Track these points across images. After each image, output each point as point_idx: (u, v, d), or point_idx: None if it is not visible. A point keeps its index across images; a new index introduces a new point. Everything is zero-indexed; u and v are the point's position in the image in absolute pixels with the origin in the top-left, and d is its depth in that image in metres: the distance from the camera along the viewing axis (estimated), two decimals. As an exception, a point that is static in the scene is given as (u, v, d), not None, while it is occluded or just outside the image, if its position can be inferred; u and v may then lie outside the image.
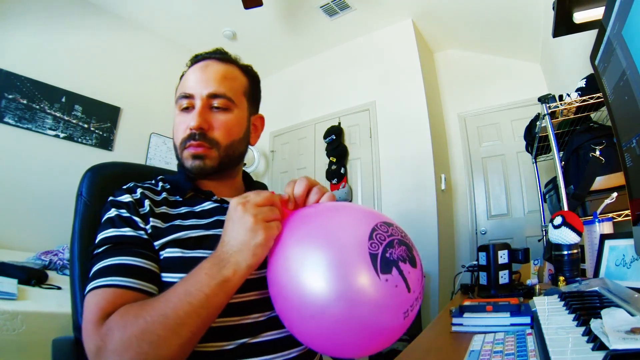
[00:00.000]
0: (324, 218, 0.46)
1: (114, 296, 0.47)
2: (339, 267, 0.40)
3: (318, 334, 0.42)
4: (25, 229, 2.41)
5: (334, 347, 0.43)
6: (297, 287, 0.41)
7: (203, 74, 0.65)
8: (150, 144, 3.26)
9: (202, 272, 0.45)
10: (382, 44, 3.30)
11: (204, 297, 0.43)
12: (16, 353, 1.22)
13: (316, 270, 0.40)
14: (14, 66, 2.48)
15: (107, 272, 0.49)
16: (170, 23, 3.32)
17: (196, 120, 0.61)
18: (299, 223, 0.47)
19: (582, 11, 1.20)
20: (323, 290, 0.39)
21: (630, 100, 0.64)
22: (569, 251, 0.98)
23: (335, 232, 0.43)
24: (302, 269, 0.41)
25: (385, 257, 0.41)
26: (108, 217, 0.56)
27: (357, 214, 0.47)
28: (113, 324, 0.43)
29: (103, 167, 0.70)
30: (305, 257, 0.42)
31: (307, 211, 0.49)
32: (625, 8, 0.62)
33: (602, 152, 1.23)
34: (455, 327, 0.71)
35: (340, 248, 0.41)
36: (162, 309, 0.43)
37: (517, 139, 2.95)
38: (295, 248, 0.44)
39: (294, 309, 0.42)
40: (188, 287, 0.44)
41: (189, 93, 0.64)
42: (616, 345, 0.34)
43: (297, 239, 0.45)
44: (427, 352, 0.63)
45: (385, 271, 0.40)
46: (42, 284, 1.65)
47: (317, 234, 0.44)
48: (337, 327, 0.39)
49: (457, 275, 1.66)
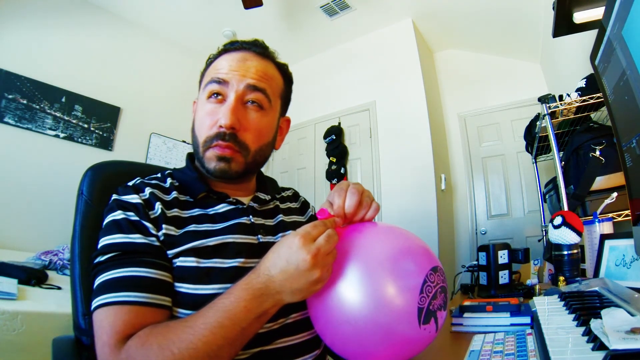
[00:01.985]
0: (380, 255, 0.44)
1: (130, 315, 0.44)
2: (388, 323, 0.42)
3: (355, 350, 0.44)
4: (25, 229, 2.41)
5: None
6: (344, 317, 0.43)
7: (243, 64, 0.58)
8: (150, 144, 3.26)
9: (239, 304, 0.41)
10: (382, 44, 3.30)
11: (239, 330, 0.40)
12: (16, 353, 1.22)
13: (360, 314, 0.42)
14: (14, 66, 2.48)
15: (117, 285, 0.45)
16: (171, 23, 3.32)
17: (229, 117, 0.54)
18: (351, 254, 0.45)
19: (582, 11, 1.20)
20: (367, 327, 0.42)
21: (630, 100, 0.64)
22: (569, 251, 0.98)
23: (391, 277, 0.43)
24: (349, 305, 0.43)
25: (429, 310, 0.44)
26: (114, 220, 0.51)
27: (416, 254, 0.47)
28: (134, 352, 0.40)
29: (104, 165, 0.69)
30: (352, 295, 0.43)
31: (358, 239, 0.47)
32: (625, 8, 0.62)
33: (602, 152, 1.23)
34: (455, 327, 0.71)
35: (391, 303, 0.42)
36: (191, 341, 0.39)
37: (517, 139, 2.95)
38: (347, 287, 0.43)
39: (344, 332, 0.44)
40: (222, 320, 0.40)
41: (223, 78, 0.57)
42: (616, 345, 0.34)
43: (350, 275, 0.44)
44: (427, 352, 0.62)
45: (426, 322, 0.43)
46: (42, 284, 1.65)
47: (370, 276, 0.43)
48: (369, 342, 0.43)
49: (457, 275, 1.66)
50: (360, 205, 0.49)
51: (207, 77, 0.61)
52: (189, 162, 0.65)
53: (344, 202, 0.48)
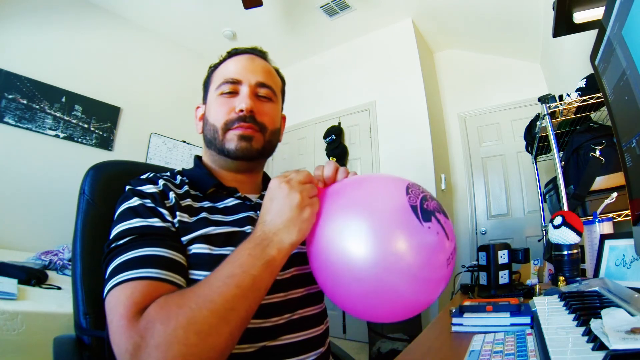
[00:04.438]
0: (358, 188, 0.48)
1: (149, 289, 0.43)
2: (385, 223, 0.42)
3: (370, 291, 0.42)
4: (25, 229, 2.41)
5: (386, 304, 0.43)
6: (343, 252, 0.42)
7: (251, 64, 0.65)
8: (150, 144, 3.26)
9: (244, 254, 0.43)
10: (382, 44, 3.30)
11: (250, 279, 0.41)
12: (16, 353, 1.22)
13: (362, 233, 0.42)
14: (14, 66, 2.48)
15: (135, 264, 0.45)
16: (171, 23, 3.32)
17: (248, 102, 0.61)
18: (334, 196, 0.48)
19: (582, 11, 1.20)
20: (373, 246, 0.41)
21: (630, 100, 0.64)
22: (569, 251, 0.98)
23: (373, 195, 0.46)
24: (349, 234, 0.43)
25: (424, 208, 0.44)
26: (130, 207, 0.52)
27: (387, 179, 0.50)
28: (153, 316, 0.39)
29: (106, 165, 0.69)
30: (349, 223, 0.44)
31: (338, 185, 0.51)
32: (625, 8, 0.62)
33: (602, 152, 1.23)
34: (455, 327, 0.71)
35: (381, 208, 0.44)
36: (207, 294, 0.39)
37: (517, 139, 2.95)
38: (338, 217, 0.45)
39: (344, 273, 0.43)
40: (233, 270, 0.41)
41: (236, 78, 0.63)
42: (616, 345, 0.34)
43: (338, 208, 0.46)
44: (427, 352, 0.63)
45: (427, 219, 0.43)
46: (42, 284, 1.65)
47: (355, 202, 0.46)
48: (389, 277, 0.41)
49: (457, 275, 1.66)
50: (336, 172, 0.53)
51: (216, 80, 0.66)
52: (198, 161, 0.68)
53: (323, 172, 0.53)
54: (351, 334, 2.92)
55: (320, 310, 0.63)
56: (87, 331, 0.57)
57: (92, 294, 0.58)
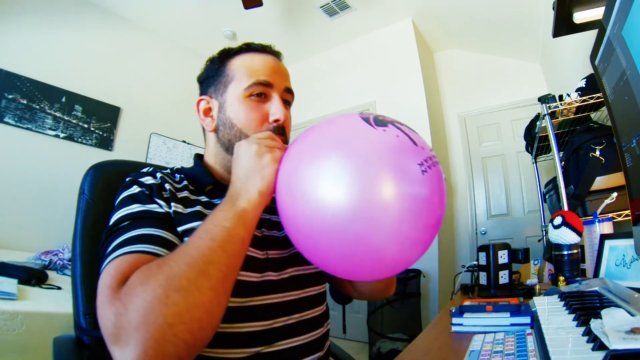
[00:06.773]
0: (314, 128, 0.48)
1: (139, 260, 0.42)
2: (335, 137, 0.43)
3: (344, 223, 0.39)
4: (25, 229, 2.41)
5: (361, 240, 0.39)
6: (302, 180, 0.42)
7: (278, 66, 0.64)
8: (150, 144, 3.26)
9: (216, 212, 0.44)
10: (382, 44, 3.30)
11: (225, 230, 0.41)
12: (16, 353, 1.22)
13: (317, 154, 0.42)
14: (14, 66, 2.48)
15: (130, 242, 0.45)
16: (170, 23, 3.32)
17: (284, 113, 0.60)
18: (293, 144, 0.49)
19: (582, 11, 1.20)
20: (330, 162, 0.40)
21: (630, 100, 0.64)
22: (569, 251, 0.98)
23: (328, 125, 0.46)
24: (305, 163, 0.43)
25: (378, 119, 0.44)
26: (130, 194, 0.53)
27: (343, 116, 0.49)
28: (134, 280, 0.38)
29: (106, 165, 0.70)
30: (305, 155, 0.44)
31: (297, 139, 0.50)
32: (625, 8, 0.62)
33: (602, 152, 1.23)
34: (455, 327, 0.71)
35: (334, 128, 0.45)
36: (184, 251, 0.40)
37: (517, 139, 2.95)
38: (296, 157, 0.46)
39: (316, 215, 0.41)
40: (206, 226, 0.42)
41: (268, 81, 0.60)
42: (616, 345, 0.34)
43: (296, 150, 0.47)
44: (427, 352, 0.63)
45: (380, 124, 0.43)
46: (42, 284, 1.65)
47: (310, 138, 0.46)
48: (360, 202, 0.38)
49: (457, 275, 1.66)
50: None
51: (239, 76, 0.61)
52: (198, 160, 0.67)
53: None
54: (351, 334, 2.91)
55: (320, 312, 0.62)
56: (87, 331, 0.57)
57: (92, 293, 0.58)
